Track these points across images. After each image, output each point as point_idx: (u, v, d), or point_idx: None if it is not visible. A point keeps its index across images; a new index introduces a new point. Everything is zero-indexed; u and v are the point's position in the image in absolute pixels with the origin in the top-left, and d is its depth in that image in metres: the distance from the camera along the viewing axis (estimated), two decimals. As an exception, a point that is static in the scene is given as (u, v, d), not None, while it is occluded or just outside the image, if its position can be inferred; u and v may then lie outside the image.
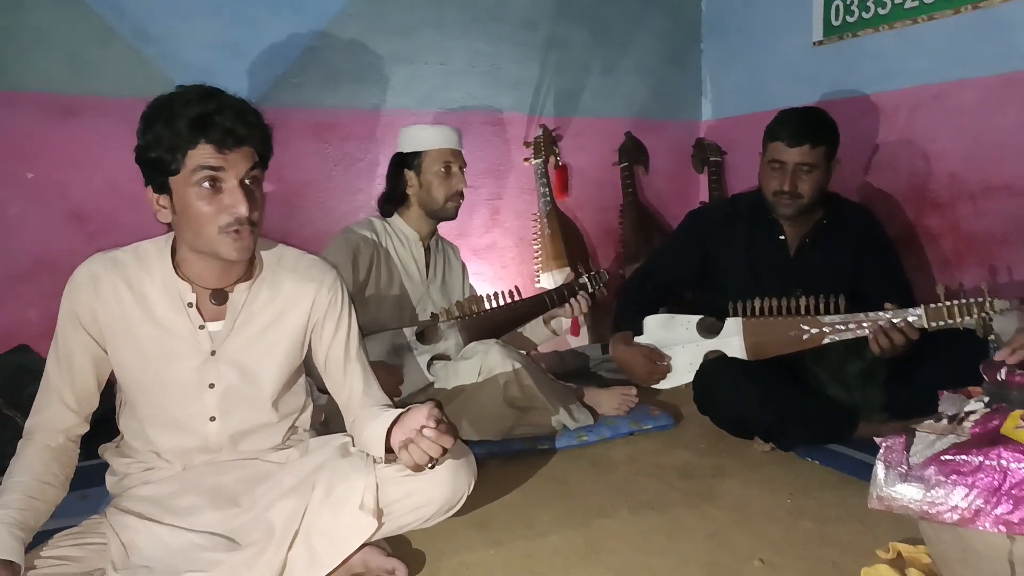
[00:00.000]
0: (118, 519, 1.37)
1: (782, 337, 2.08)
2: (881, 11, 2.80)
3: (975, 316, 1.82)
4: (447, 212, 2.33)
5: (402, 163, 2.32)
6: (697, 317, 2.25)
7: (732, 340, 2.16)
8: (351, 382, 1.55)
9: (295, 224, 2.79)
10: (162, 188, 1.31)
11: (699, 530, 1.65)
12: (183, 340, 1.40)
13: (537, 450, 2.15)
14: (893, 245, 2.35)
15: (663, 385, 2.28)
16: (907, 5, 2.71)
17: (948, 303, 1.87)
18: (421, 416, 1.34)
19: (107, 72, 2.45)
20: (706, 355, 2.20)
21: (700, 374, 2.19)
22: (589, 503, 1.81)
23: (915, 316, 1.91)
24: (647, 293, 2.43)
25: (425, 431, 1.31)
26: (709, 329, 2.23)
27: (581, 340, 3.24)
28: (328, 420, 1.84)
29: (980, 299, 1.83)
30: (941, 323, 1.88)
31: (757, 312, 2.12)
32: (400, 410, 1.44)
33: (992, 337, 1.74)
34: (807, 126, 2.17)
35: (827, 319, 2.02)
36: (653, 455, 2.13)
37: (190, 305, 1.40)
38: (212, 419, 1.44)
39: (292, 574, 1.32)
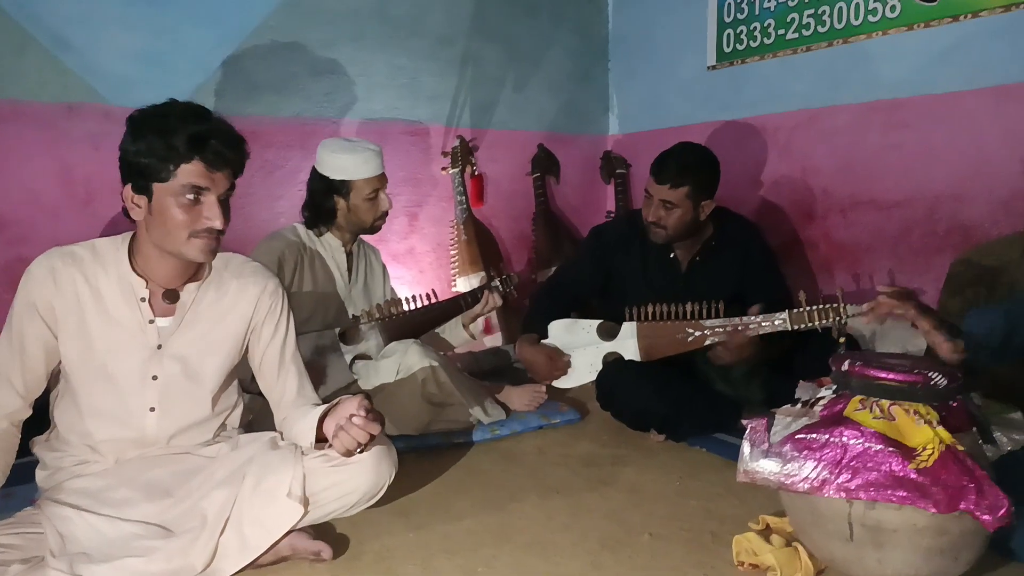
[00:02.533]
0: (53, 510, 1.43)
1: (671, 339, 2.29)
2: (766, 41, 3.09)
3: (831, 320, 2.08)
4: (373, 230, 2.44)
5: (330, 188, 2.35)
6: (597, 322, 2.44)
7: (628, 343, 2.36)
8: (284, 383, 1.66)
9: (216, 230, 2.82)
10: (143, 190, 1.40)
11: (598, 510, 1.83)
12: (131, 333, 1.49)
13: (453, 443, 2.28)
14: (774, 258, 2.58)
15: (566, 384, 2.46)
16: (788, 36, 3.01)
17: (808, 308, 2.12)
18: (352, 406, 1.47)
19: (25, 79, 2.44)
20: (605, 356, 2.39)
21: (602, 374, 2.38)
22: (501, 490, 1.97)
23: (781, 320, 2.16)
24: (555, 301, 2.60)
25: (354, 419, 1.43)
26: (608, 333, 2.42)
27: (495, 341, 3.39)
28: (253, 422, 1.91)
29: (835, 304, 2.09)
30: (803, 325, 2.12)
31: (649, 316, 2.32)
32: (331, 403, 1.56)
33: (842, 340, 1.99)
34: (672, 167, 2.33)
35: (708, 323, 2.24)
36: (560, 446, 2.31)
37: (143, 300, 1.49)
38: (152, 410, 1.52)
39: (224, 558, 1.42)
